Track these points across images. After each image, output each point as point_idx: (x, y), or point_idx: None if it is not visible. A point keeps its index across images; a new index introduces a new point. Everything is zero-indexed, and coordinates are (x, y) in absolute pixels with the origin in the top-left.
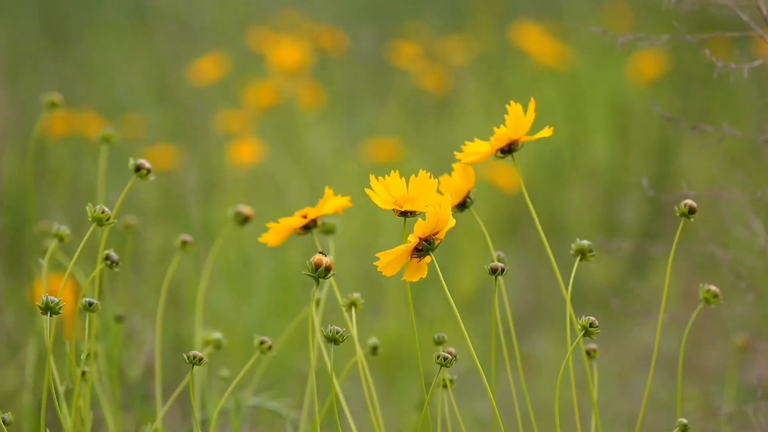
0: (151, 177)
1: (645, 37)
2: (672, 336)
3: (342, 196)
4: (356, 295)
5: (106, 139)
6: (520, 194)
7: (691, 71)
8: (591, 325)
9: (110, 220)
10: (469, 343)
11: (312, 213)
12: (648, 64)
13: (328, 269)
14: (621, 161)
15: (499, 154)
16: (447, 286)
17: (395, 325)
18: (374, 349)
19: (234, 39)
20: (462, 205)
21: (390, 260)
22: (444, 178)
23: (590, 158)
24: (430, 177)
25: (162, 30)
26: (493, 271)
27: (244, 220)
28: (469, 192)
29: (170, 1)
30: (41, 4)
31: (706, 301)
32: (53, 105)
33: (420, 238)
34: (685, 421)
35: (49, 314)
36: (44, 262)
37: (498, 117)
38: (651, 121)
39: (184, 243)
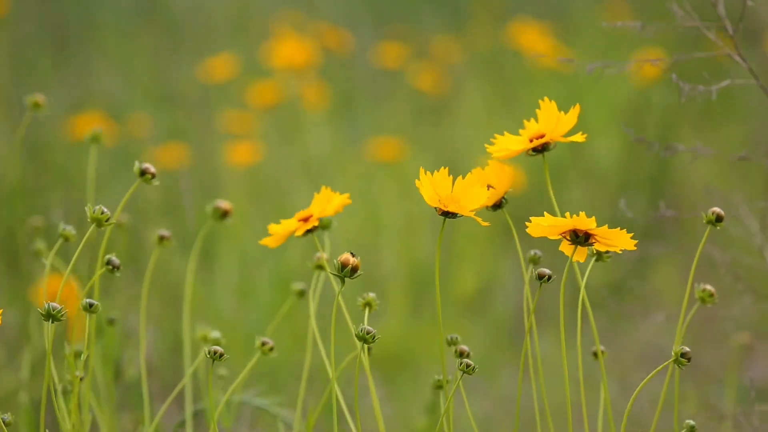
0: (156, 182)
1: (613, 64)
2: (672, 336)
3: (341, 194)
4: (372, 295)
5: (95, 139)
6: (521, 194)
7: (692, 69)
8: (683, 355)
9: (110, 221)
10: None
11: (315, 215)
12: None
13: (354, 269)
14: (623, 161)
15: (530, 152)
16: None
17: (396, 326)
18: (368, 348)
19: (235, 39)
20: (497, 206)
21: (545, 226)
22: (477, 171)
23: (591, 158)
24: (481, 184)
25: (163, 30)
26: (540, 277)
27: (223, 214)
28: (505, 192)
29: (171, 1)
30: (42, 6)
31: (702, 300)
32: (37, 106)
33: (576, 228)
34: (692, 422)
35: (51, 321)
36: (47, 262)
37: (499, 116)
38: (652, 121)
39: (161, 238)
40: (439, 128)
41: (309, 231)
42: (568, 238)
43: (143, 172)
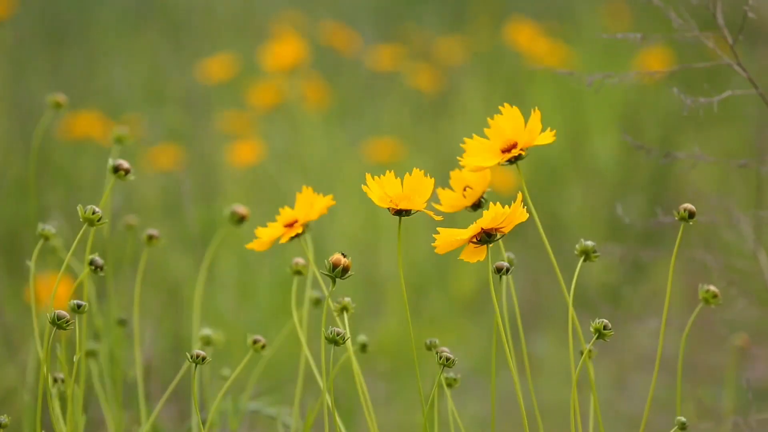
0: (131, 177)
1: (613, 75)
2: (670, 337)
3: (339, 194)
4: (347, 300)
5: (119, 140)
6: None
7: (693, 73)
8: (605, 327)
9: (101, 221)
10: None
11: (300, 220)
12: (652, 62)
13: (345, 269)
14: (623, 161)
15: (505, 163)
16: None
17: (396, 326)
18: (363, 347)
19: (236, 38)
20: (477, 206)
21: (446, 242)
22: (456, 173)
23: (592, 158)
24: (426, 175)
25: (163, 30)
26: (498, 270)
27: (240, 219)
28: (483, 192)
29: (170, 1)
30: (42, 5)
31: (706, 301)
32: (58, 105)
33: (482, 229)
34: (683, 419)
35: (55, 328)
36: (31, 263)
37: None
38: (653, 121)
39: (150, 237)
40: (438, 128)
41: (295, 236)
42: (477, 241)
43: (116, 169)
